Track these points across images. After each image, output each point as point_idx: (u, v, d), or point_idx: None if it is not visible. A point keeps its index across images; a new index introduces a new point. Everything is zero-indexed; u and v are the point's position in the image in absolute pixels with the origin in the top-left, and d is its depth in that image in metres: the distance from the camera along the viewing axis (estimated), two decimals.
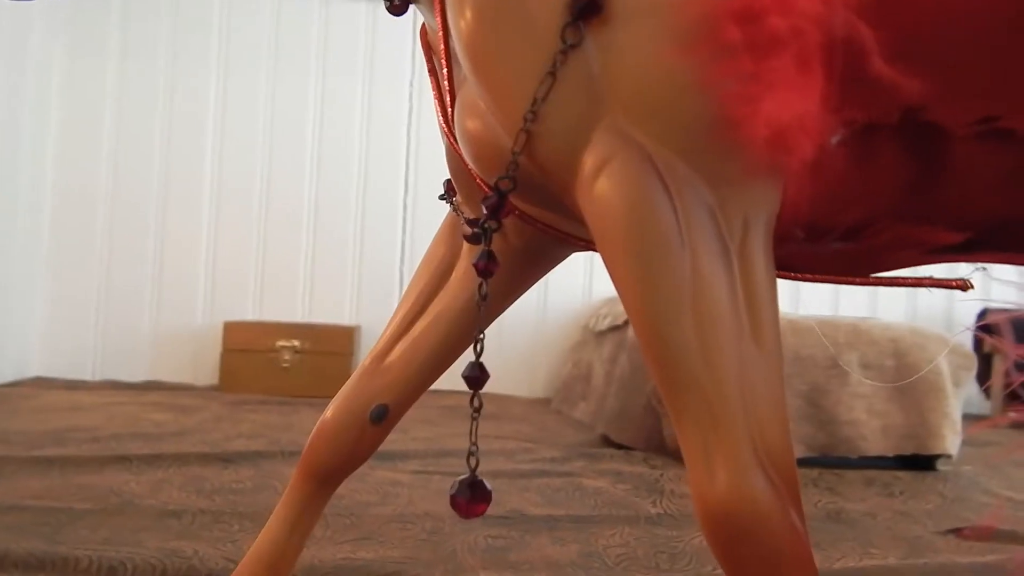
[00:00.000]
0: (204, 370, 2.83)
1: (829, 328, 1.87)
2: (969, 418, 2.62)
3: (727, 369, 0.41)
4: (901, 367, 1.84)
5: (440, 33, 0.53)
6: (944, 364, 1.85)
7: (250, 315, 2.89)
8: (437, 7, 0.51)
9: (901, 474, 1.76)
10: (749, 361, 0.41)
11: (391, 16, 0.65)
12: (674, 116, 0.41)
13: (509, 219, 0.59)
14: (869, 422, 1.80)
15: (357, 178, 2.98)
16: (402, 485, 1.42)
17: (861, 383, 1.81)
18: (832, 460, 1.81)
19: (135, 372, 2.82)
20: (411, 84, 2.97)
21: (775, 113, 0.38)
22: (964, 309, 3.12)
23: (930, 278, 0.46)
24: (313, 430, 0.68)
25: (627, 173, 0.41)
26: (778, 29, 0.36)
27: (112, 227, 2.86)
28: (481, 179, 0.52)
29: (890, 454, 1.80)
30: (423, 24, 0.64)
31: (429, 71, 0.62)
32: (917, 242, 0.44)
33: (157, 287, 2.87)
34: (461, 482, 0.46)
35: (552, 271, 0.67)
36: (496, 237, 0.62)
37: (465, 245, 0.65)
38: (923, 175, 0.43)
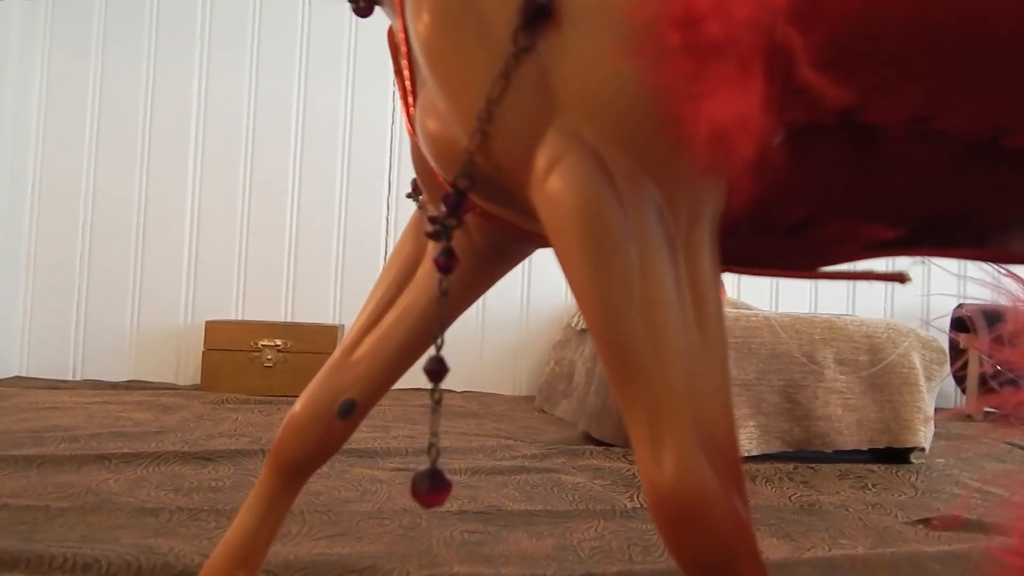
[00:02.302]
0: (186, 369, 2.83)
1: (805, 325, 1.90)
2: (944, 412, 2.67)
3: (673, 359, 0.42)
4: (876, 362, 1.87)
5: (401, 35, 0.54)
6: (917, 359, 1.89)
7: (233, 314, 2.88)
8: (398, 9, 0.53)
9: (875, 467, 1.79)
10: (695, 351, 0.43)
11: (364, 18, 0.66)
12: (621, 116, 0.42)
13: (472, 217, 0.61)
14: (844, 417, 1.83)
15: (340, 177, 2.98)
16: (381, 482, 1.43)
17: (836, 379, 1.84)
18: (808, 454, 1.84)
19: (117, 372, 2.81)
20: (394, 84, 2.98)
21: (716, 114, 0.39)
22: (941, 307, 3.17)
23: (871, 272, 0.48)
24: (282, 424, 0.69)
25: (577, 172, 0.43)
26: (715, 34, 0.38)
27: (94, 226, 2.85)
28: (443, 177, 0.54)
29: (864, 448, 1.83)
30: (390, 26, 0.65)
31: (395, 72, 0.63)
32: (858, 237, 0.46)
33: (139, 286, 2.86)
34: (421, 472, 0.47)
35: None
36: (459, 235, 0.64)
37: (430, 241, 0.67)
38: (861, 173, 0.45)
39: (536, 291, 2.98)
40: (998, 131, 0.42)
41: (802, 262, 0.50)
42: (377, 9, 0.64)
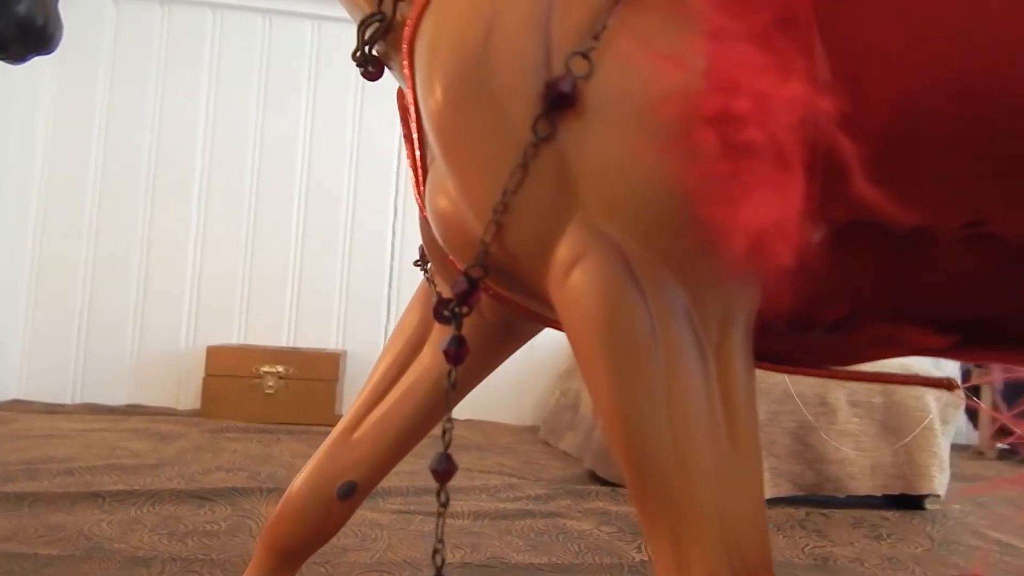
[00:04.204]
0: (186, 394, 2.79)
1: None
2: (956, 448, 2.61)
3: (702, 475, 0.39)
4: (889, 404, 1.83)
5: (412, 104, 0.51)
6: (932, 402, 1.84)
7: (235, 339, 2.85)
8: (408, 80, 0.50)
9: (889, 514, 1.74)
10: (725, 465, 0.40)
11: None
12: (648, 214, 0.39)
13: (484, 295, 0.57)
14: (857, 460, 1.78)
15: (345, 202, 2.96)
16: (382, 527, 1.39)
17: (849, 421, 1.80)
18: (819, 499, 1.79)
19: (116, 396, 2.77)
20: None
21: (753, 218, 0.36)
22: None
23: (918, 376, 0.44)
24: (280, 502, 0.65)
25: (599, 271, 0.40)
26: (755, 134, 0.35)
27: (96, 248, 2.83)
28: (452, 258, 0.50)
29: (878, 493, 1.79)
30: (399, 87, 0.62)
31: (404, 136, 0.60)
32: (905, 342, 0.43)
33: (140, 310, 2.83)
34: None
35: None
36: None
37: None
38: (908, 273, 0.42)
39: None
40: None
41: (840, 360, 0.47)
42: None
